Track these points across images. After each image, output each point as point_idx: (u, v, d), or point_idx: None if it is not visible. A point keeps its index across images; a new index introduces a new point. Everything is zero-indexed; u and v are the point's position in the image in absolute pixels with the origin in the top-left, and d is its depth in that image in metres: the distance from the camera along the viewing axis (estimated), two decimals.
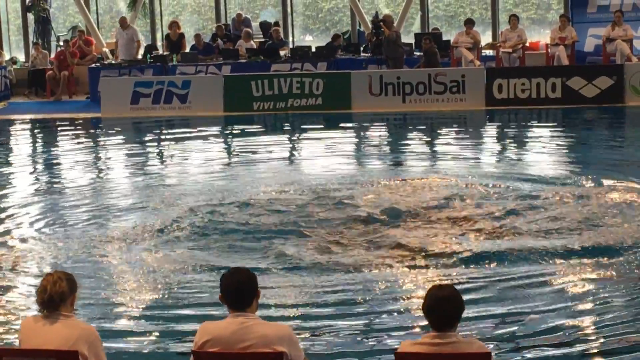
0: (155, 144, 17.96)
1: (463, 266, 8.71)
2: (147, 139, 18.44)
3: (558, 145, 16.19)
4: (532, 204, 10.77)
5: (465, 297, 5.17)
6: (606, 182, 11.80)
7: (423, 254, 9.09)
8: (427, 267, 8.76)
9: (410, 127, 19.22)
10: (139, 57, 23.36)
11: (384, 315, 7.62)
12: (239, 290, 5.19)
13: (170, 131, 18.81)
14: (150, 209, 11.35)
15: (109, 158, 16.64)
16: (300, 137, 18.30)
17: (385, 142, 17.42)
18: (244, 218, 10.53)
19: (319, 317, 7.58)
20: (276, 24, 25.33)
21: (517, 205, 10.76)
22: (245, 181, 12.83)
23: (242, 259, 8.92)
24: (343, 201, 11.26)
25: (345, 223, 10.22)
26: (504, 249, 9.09)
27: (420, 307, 5.09)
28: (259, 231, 9.99)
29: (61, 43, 25.00)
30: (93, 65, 23.43)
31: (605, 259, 8.70)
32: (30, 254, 9.69)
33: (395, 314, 7.66)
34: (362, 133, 18.28)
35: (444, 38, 22.98)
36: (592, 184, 11.69)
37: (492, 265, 8.69)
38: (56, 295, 5.16)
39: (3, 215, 11.49)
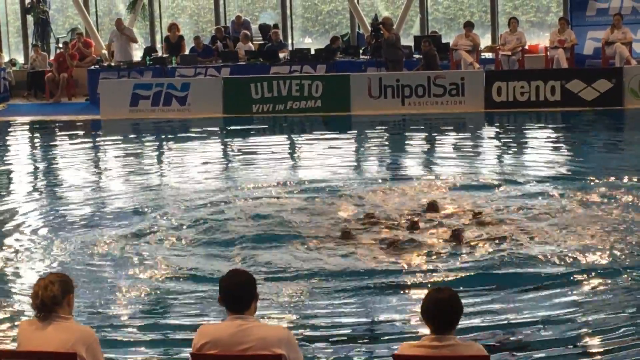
0: (154, 146, 17.94)
1: (463, 271, 8.67)
2: (146, 141, 18.43)
3: (557, 148, 16.19)
4: (532, 208, 10.74)
5: (464, 302, 5.15)
6: (606, 185, 11.77)
7: (422, 257, 9.08)
8: (426, 270, 8.74)
9: (409, 130, 19.21)
10: (136, 59, 23.36)
11: (383, 318, 7.61)
12: (238, 293, 5.18)
13: (169, 133, 18.79)
14: (147, 212, 11.32)
15: (107, 160, 16.63)
16: (299, 140, 18.28)
17: (384, 145, 17.40)
18: (238, 223, 10.49)
19: (317, 320, 7.56)
20: (275, 26, 25.34)
21: (517, 210, 10.72)
22: (241, 185, 12.76)
23: (235, 264, 8.86)
24: (341, 204, 11.26)
25: (343, 226, 10.20)
26: (504, 254, 9.04)
27: (419, 309, 5.08)
28: (254, 237, 9.91)
29: (60, 45, 25.00)
30: (92, 67, 23.42)
31: (608, 266, 8.66)
32: (29, 256, 9.69)
33: (394, 316, 7.64)
34: (361, 136, 18.26)
35: (444, 41, 22.99)
36: (592, 188, 11.64)
37: (492, 271, 8.61)
38: (48, 299, 5.16)
39: (1, 218, 11.48)
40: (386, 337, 7.18)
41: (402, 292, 8.22)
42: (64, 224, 10.98)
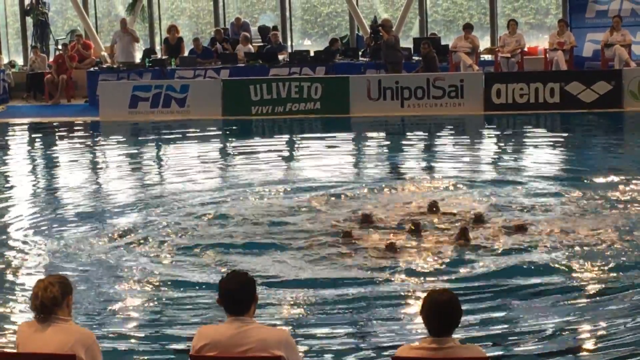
0: (153, 148, 17.94)
1: (464, 274, 8.61)
2: (145, 142, 18.42)
3: (557, 150, 16.17)
4: (534, 210, 10.71)
5: (465, 308, 5.12)
6: (605, 188, 11.73)
7: (422, 259, 9.06)
8: (426, 273, 8.69)
9: (408, 132, 19.21)
10: (138, 60, 23.36)
11: (382, 321, 7.58)
12: (238, 295, 5.16)
13: (168, 135, 18.78)
14: (143, 215, 11.25)
15: (106, 162, 16.62)
16: (298, 142, 18.27)
17: (384, 147, 17.40)
18: (237, 226, 10.43)
19: (315, 325, 7.50)
20: (275, 28, 25.35)
21: (519, 212, 10.69)
22: (240, 187, 12.70)
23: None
24: (340, 206, 11.24)
25: (345, 227, 10.17)
26: (507, 257, 8.97)
27: (419, 312, 5.07)
28: (252, 240, 9.85)
29: (60, 47, 25.01)
30: (91, 68, 23.43)
31: (613, 271, 8.55)
32: (27, 258, 9.67)
33: (393, 320, 7.59)
34: (360, 138, 18.25)
35: (443, 43, 22.99)
36: (594, 191, 11.57)
37: (491, 276, 8.50)
38: (47, 300, 5.16)
39: (0, 219, 11.46)
40: (386, 341, 7.12)
41: (401, 295, 8.15)
42: (60, 226, 10.93)
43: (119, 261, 9.33)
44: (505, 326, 7.39)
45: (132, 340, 7.36)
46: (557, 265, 8.73)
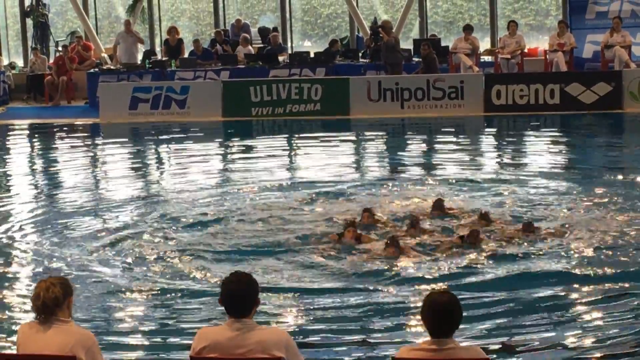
0: (153, 149, 17.93)
1: (466, 275, 8.56)
2: (145, 144, 18.42)
3: (557, 151, 16.17)
4: (535, 212, 10.67)
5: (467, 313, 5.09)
6: (608, 189, 11.70)
7: (423, 259, 9.04)
8: (430, 280, 8.62)
9: (408, 133, 19.21)
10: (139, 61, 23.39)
11: (382, 323, 7.55)
12: (240, 298, 5.14)
13: (168, 136, 18.78)
14: (142, 218, 11.19)
15: (106, 164, 16.61)
16: (298, 143, 18.26)
17: (384, 148, 17.39)
18: (236, 228, 10.41)
19: (314, 331, 7.44)
20: (275, 29, 25.36)
21: (522, 212, 10.66)
22: (239, 189, 12.70)
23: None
24: (339, 208, 11.22)
25: (346, 220, 10.13)
26: (511, 260, 8.92)
27: (419, 314, 5.06)
28: (251, 242, 9.83)
29: (60, 48, 25.02)
30: (92, 70, 23.44)
31: (614, 273, 8.48)
32: (27, 259, 9.66)
33: (397, 325, 7.52)
34: (360, 139, 18.25)
35: (443, 44, 23.00)
36: (595, 191, 11.57)
37: (498, 281, 8.40)
38: (50, 301, 5.16)
39: (0, 221, 11.46)
40: (386, 343, 7.10)
41: (406, 300, 8.06)
42: (59, 227, 10.91)
43: (115, 265, 9.29)
44: (511, 332, 7.31)
45: (128, 348, 7.29)
46: (564, 269, 8.63)
